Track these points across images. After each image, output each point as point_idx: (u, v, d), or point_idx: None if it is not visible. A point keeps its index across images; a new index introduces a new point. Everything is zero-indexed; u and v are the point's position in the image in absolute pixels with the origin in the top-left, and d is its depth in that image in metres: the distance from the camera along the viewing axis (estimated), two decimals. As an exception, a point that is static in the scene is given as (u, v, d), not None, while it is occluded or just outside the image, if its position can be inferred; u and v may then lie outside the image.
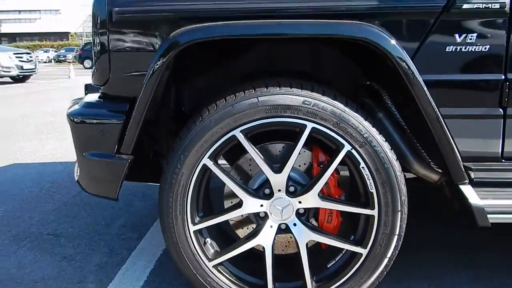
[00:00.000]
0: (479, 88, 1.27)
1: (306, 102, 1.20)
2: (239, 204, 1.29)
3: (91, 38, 1.43)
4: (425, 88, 1.19)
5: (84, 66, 22.76)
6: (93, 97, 1.45)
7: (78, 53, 24.85)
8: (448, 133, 1.23)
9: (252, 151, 1.25)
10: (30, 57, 11.77)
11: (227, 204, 1.41)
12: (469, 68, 1.24)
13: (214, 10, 1.24)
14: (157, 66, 1.20)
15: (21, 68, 11.25)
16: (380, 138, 1.23)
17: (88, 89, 1.74)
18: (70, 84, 11.10)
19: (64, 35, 49.75)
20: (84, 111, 1.38)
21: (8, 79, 11.22)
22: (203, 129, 1.22)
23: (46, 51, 40.25)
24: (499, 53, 1.23)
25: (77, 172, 1.46)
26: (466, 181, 1.26)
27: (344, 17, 1.21)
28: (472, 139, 1.29)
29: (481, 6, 1.20)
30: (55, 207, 2.28)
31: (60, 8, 54.22)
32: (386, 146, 1.23)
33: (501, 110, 1.25)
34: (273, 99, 1.21)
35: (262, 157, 1.26)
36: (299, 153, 1.27)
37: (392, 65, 1.19)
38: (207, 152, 1.24)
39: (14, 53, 11.30)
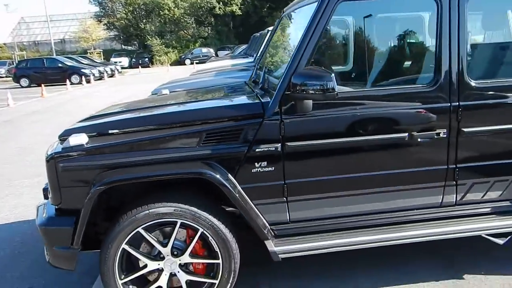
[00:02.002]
0: (273, 189, 2.38)
1: (176, 210, 2.25)
2: (146, 265, 2.33)
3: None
4: (237, 196, 2.27)
5: (20, 85, 22.13)
6: (52, 209, 2.39)
7: (12, 71, 23.92)
8: (258, 215, 2.34)
9: (150, 238, 2.28)
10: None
11: (141, 264, 2.42)
12: (264, 179, 2.35)
13: (119, 163, 2.24)
14: (91, 198, 2.19)
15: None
16: (218, 223, 2.30)
17: (46, 192, 2.68)
18: (10, 117, 11.39)
19: (-8, 47, 46.98)
20: (49, 222, 2.34)
21: None
22: (121, 229, 2.24)
23: (-26, 66, 38.09)
24: (279, 172, 2.35)
25: (47, 255, 2.40)
26: (269, 238, 2.37)
27: (191, 161, 2.27)
28: (274, 213, 2.41)
29: (265, 149, 2.30)
30: (28, 265, 3.16)
31: (-16, 17, 51.06)
32: (222, 227, 2.31)
33: (284, 198, 2.39)
34: (157, 210, 2.24)
35: (156, 239, 2.30)
36: (179, 231, 2.31)
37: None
38: (123, 241, 2.25)
39: None
